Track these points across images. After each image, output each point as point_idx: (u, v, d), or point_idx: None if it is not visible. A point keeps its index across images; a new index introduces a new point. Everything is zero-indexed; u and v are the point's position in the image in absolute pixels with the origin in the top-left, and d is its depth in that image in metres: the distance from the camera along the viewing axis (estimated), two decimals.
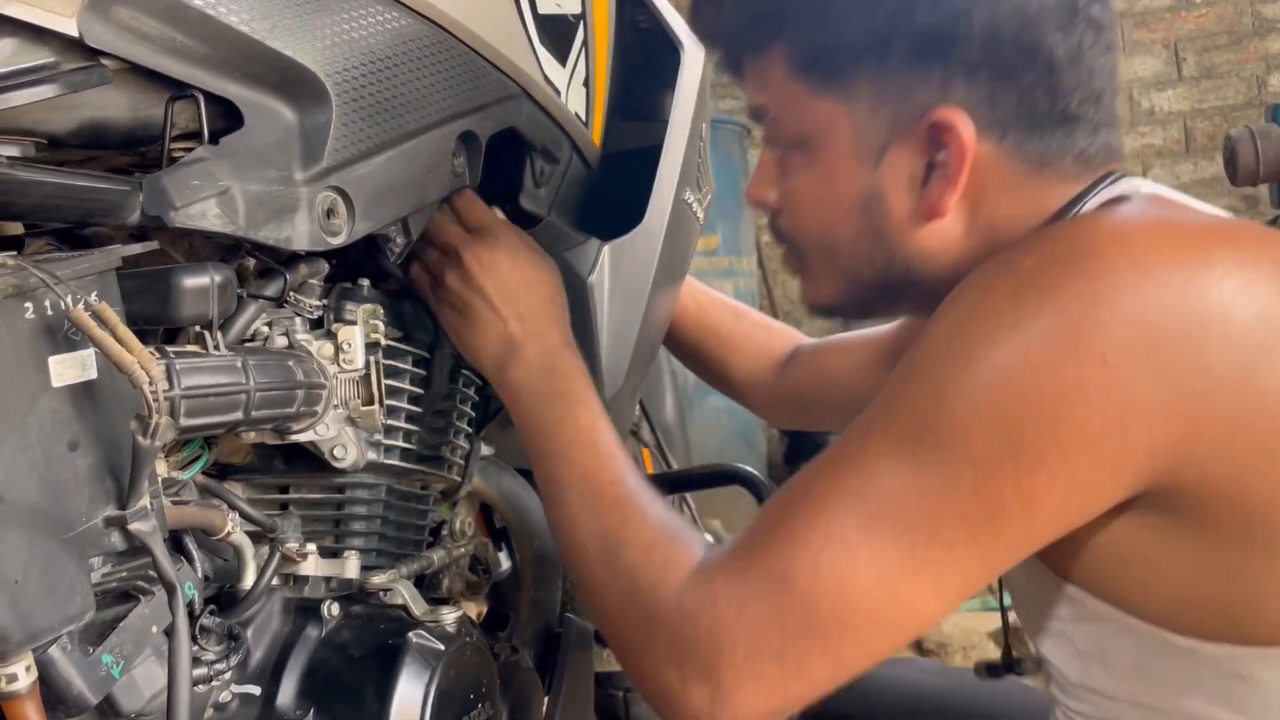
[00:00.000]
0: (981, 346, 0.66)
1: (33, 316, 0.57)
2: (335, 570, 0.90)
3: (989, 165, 0.76)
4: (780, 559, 0.69)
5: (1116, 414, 0.64)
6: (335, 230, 0.80)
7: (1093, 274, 0.65)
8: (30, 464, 0.57)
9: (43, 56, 0.66)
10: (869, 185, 0.79)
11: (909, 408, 0.69)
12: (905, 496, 0.66)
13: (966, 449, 0.65)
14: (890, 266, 0.81)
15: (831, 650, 0.68)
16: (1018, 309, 0.66)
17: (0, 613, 0.55)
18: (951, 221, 0.78)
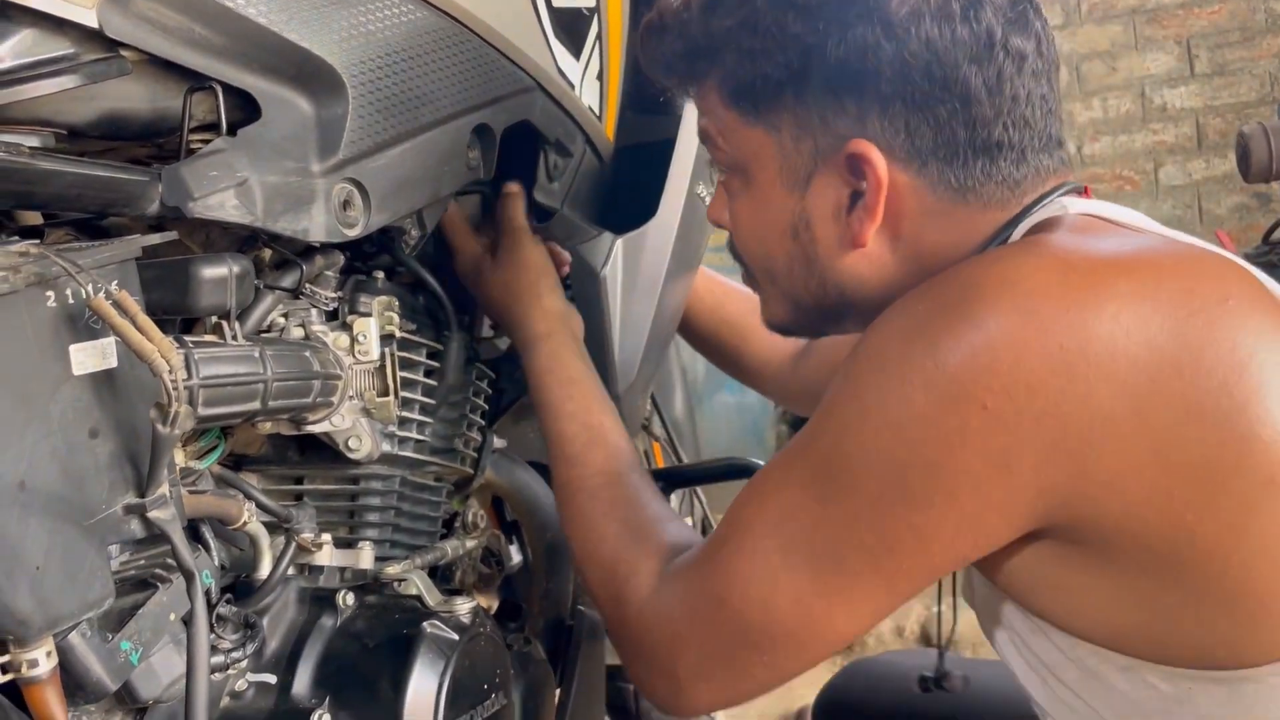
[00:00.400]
0: (873, 394, 0.69)
1: (54, 305, 0.57)
2: (350, 561, 0.91)
3: (909, 194, 0.77)
4: (718, 579, 0.76)
5: (999, 458, 0.65)
6: (351, 222, 0.81)
7: (976, 320, 0.66)
8: (52, 451, 0.57)
9: (63, 48, 0.67)
10: (797, 212, 0.81)
11: (819, 446, 0.73)
12: (815, 529, 0.71)
13: (864, 490, 0.69)
14: (824, 290, 0.84)
15: (766, 659, 0.75)
16: (906, 358, 0.68)
17: (21, 598, 0.56)
18: (877, 248, 0.80)
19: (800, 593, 0.72)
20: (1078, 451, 0.64)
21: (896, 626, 2.92)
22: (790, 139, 0.80)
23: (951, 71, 0.73)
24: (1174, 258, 0.70)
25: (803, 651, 0.75)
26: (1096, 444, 0.64)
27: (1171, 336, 0.64)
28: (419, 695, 0.81)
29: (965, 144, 0.75)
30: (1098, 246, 0.70)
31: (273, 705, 0.81)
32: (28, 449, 0.56)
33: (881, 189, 0.76)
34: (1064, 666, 0.76)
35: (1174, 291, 0.66)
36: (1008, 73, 0.74)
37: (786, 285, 0.86)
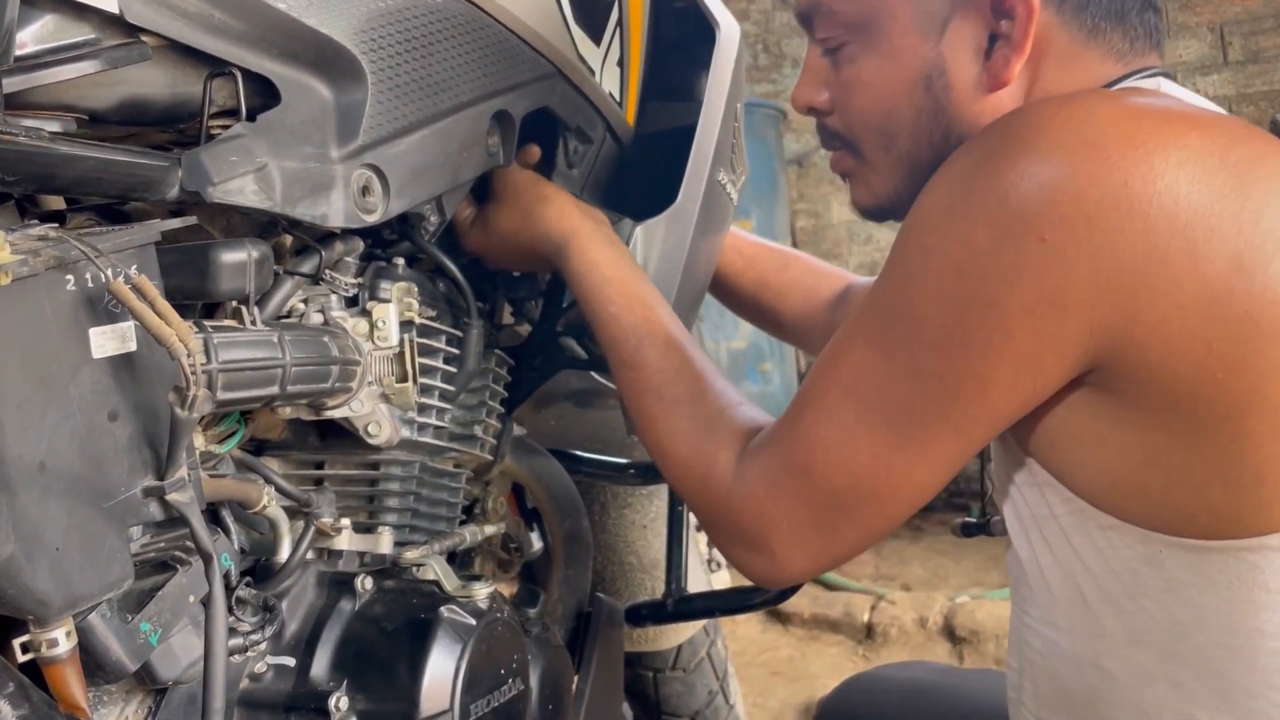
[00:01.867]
0: (935, 235, 0.70)
1: (74, 289, 0.58)
2: (369, 545, 0.91)
3: (1048, 33, 0.79)
4: (798, 449, 0.79)
5: (1054, 293, 0.66)
6: (370, 208, 0.81)
7: (1041, 153, 0.66)
8: (71, 433, 0.58)
9: (84, 33, 0.67)
10: (931, 60, 0.82)
11: (882, 301, 0.75)
12: (885, 384, 0.74)
13: (926, 336, 0.71)
14: (946, 144, 0.83)
15: (855, 518, 0.78)
16: (968, 194, 0.69)
17: (41, 579, 0.56)
18: (1009, 94, 0.81)
19: (878, 449, 0.74)
20: (1130, 289, 0.65)
21: (920, 618, 2.91)
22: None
23: None
24: (1251, 130, 0.71)
25: (887, 507, 0.77)
26: (1149, 283, 0.65)
27: (1234, 194, 0.65)
28: (436, 679, 0.82)
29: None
30: (1176, 106, 0.71)
31: (291, 687, 0.81)
32: (48, 431, 0.56)
33: (1033, 22, 0.77)
34: (1048, 521, 0.79)
35: (1244, 155, 0.67)
36: None
37: (906, 145, 0.86)
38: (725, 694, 1.71)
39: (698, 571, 1.54)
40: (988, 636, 2.78)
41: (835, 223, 4.98)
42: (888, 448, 0.74)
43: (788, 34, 5.00)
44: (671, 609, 1.36)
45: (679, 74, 1.23)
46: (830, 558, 0.81)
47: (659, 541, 1.52)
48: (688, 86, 1.23)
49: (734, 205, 1.29)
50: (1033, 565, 0.83)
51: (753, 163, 1.29)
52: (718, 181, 1.19)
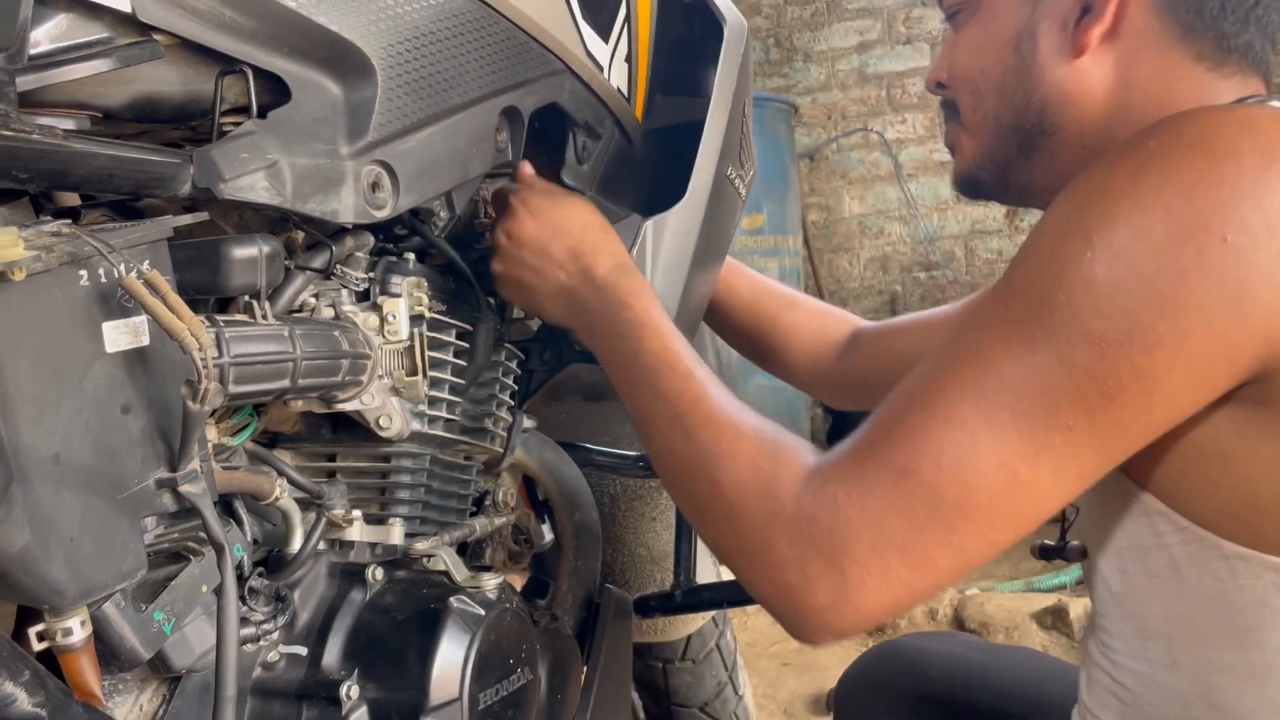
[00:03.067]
0: (1101, 225, 0.66)
1: (87, 284, 0.59)
2: (380, 537, 0.92)
3: (1141, 17, 0.79)
4: (901, 450, 0.68)
5: (1234, 295, 0.63)
6: (380, 204, 0.82)
7: (1217, 157, 0.65)
8: (85, 426, 0.59)
9: (97, 32, 0.68)
10: (1025, 20, 0.84)
11: (1025, 291, 0.68)
12: (1023, 379, 0.66)
13: (1083, 327, 0.65)
14: (1027, 106, 0.85)
15: (955, 539, 0.67)
16: (1138, 188, 0.66)
17: (56, 568, 0.57)
18: (1092, 66, 0.81)
19: (1005, 455, 0.66)
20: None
21: (930, 610, 2.91)
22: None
23: None
24: None
25: (997, 527, 0.67)
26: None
27: None
28: (445, 669, 0.83)
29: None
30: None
31: (303, 676, 0.83)
32: (62, 424, 0.57)
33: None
34: (1156, 552, 0.74)
35: None
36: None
37: (993, 103, 0.87)
38: (734, 685, 1.71)
39: (706, 563, 1.55)
40: (997, 629, 2.78)
41: (846, 216, 4.98)
42: (1016, 454, 0.66)
43: (799, 28, 5.00)
44: (680, 600, 1.37)
45: (687, 69, 1.23)
46: (909, 593, 0.68)
47: (668, 534, 1.53)
48: (695, 82, 1.23)
49: (742, 200, 1.30)
50: (1128, 599, 0.78)
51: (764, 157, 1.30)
52: (726, 177, 1.20)
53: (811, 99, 4.94)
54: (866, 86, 4.84)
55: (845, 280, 5.00)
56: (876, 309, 4.96)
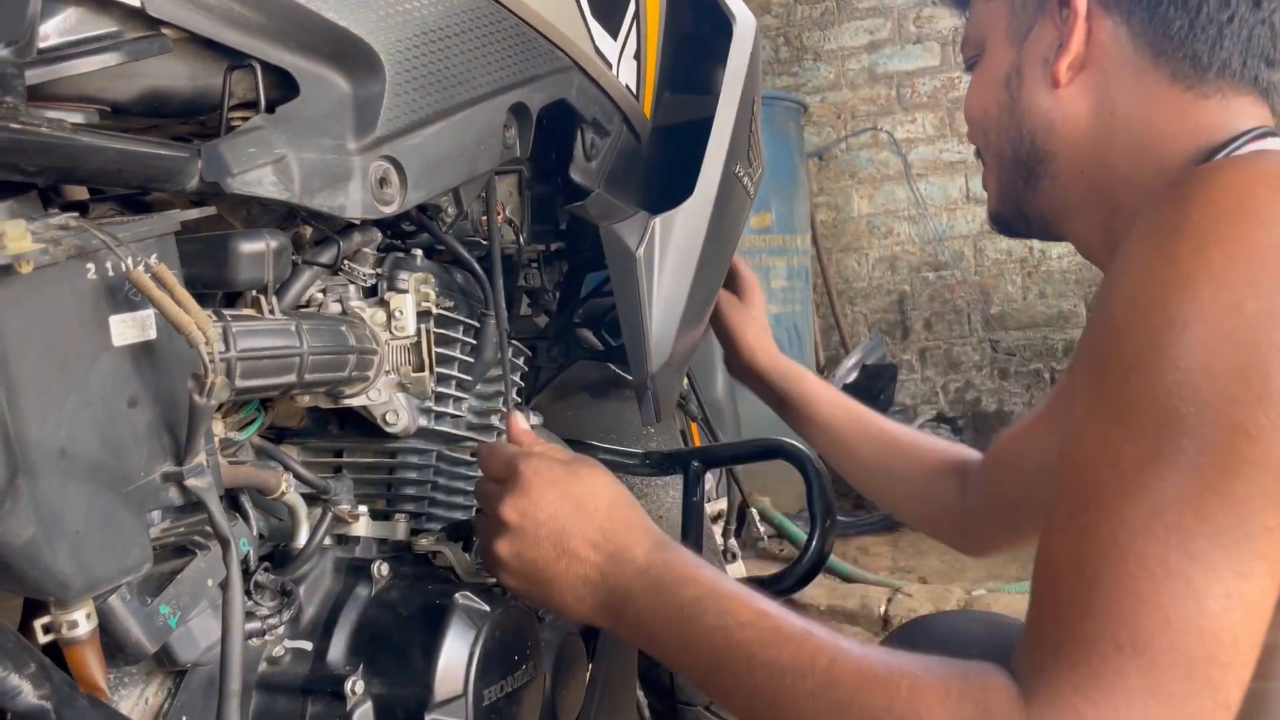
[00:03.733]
0: (1193, 309, 0.61)
1: (94, 277, 0.59)
2: (386, 532, 0.93)
3: (1110, 40, 0.82)
4: (1118, 629, 0.59)
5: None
6: (388, 199, 0.82)
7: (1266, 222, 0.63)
8: (91, 420, 0.59)
9: (106, 26, 0.68)
10: (1013, 60, 0.89)
11: (1142, 400, 0.61)
12: (1199, 497, 0.59)
13: (1227, 421, 0.59)
14: (1020, 138, 0.89)
15: (1220, 694, 0.59)
16: (1209, 264, 0.62)
17: (62, 561, 0.57)
18: (1072, 95, 0.85)
19: (1225, 583, 0.58)
20: None
21: (936, 610, 2.91)
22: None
23: None
24: None
25: (1248, 660, 0.60)
26: None
27: None
28: (450, 664, 0.83)
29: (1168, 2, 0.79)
30: None
31: (308, 671, 0.83)
32: (68, 417, 0.57)
33: (1078, 19, 0.82)
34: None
35: None
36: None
37: (995, 140, 0.92)
38: None
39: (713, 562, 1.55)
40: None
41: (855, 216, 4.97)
42: (1235, 576, 0.58)
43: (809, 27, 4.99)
44: None
45: (695, 67, 1.23)
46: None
47: (674, 532, 1.53)
48: (704, 79, 1.23)
49: (751, 198, 1.30)
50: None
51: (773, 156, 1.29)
52: (734, 174, 1.20)
53: (821, 98, 4.94)
54: (876, 86, 4.84)
55: (854, 280, 4.99)
56: (885, 308, 4.95)
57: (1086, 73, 0.84)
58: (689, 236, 1.13)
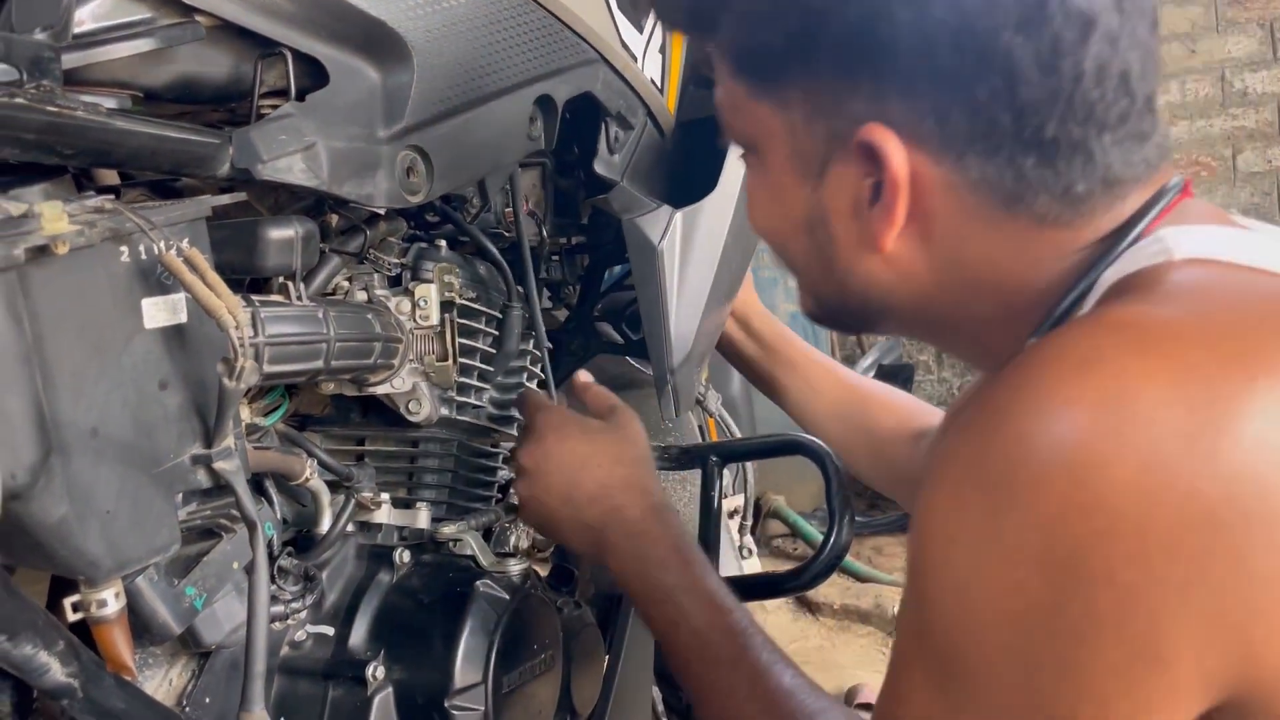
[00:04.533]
0: (974, 579, 0.54)
1: (128, 260, 0.59)
2: (407, 520, 0.93)
3: (942, 193, 0.62)
4: None
5: (1145, 646, 0.50)
6: (414, 189, 0.82)
7: (1076, 469, 0.50)
8: (123, 401, 0.59)
9: (139, 12, 0.69)
10: (811, 205, 0.67)
11: (929, 637, 0.58)
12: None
13: (993, 699, 0.54)
14: (844, 295, 0.70)
15: None
16: (999, 530, 0.52)
17: (92, 540, 0.58)
18: (905, 252, 0.65)
19: None
20: (1242, 627, 0.49)
21: None
22: (801, 119, 0.65)
23: (988, 41, 0.57)
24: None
25: None
26: (1260, 616, 0.49)
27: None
28: (470, 651, 0.83)
29: (1011, 135, 0.59)
30: (1223, 326, 0.53)
31: (330, 655, 0.83)
32: (100, 397, 0.58)
33: (899, 188, 0.61)
34: None
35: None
36: (1068, 41, 0.57)
37: (806, 281, 0.74)
38: None
39: (729, 557, 1.55)
40: None
41: None
42: None
43: None
44: None
45: None
46: None
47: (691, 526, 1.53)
48: None
49: None
50: None
51: None
52: None
53: None
54: None
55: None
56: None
57: (918, 227, 0.64)
58: (711, 231, 1.14)
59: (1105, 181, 0.61)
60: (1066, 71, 0.58)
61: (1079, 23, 0.57)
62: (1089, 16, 0.57)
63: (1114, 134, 0.60)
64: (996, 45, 0.58)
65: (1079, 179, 0.61)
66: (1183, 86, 3.61)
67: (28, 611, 0.59)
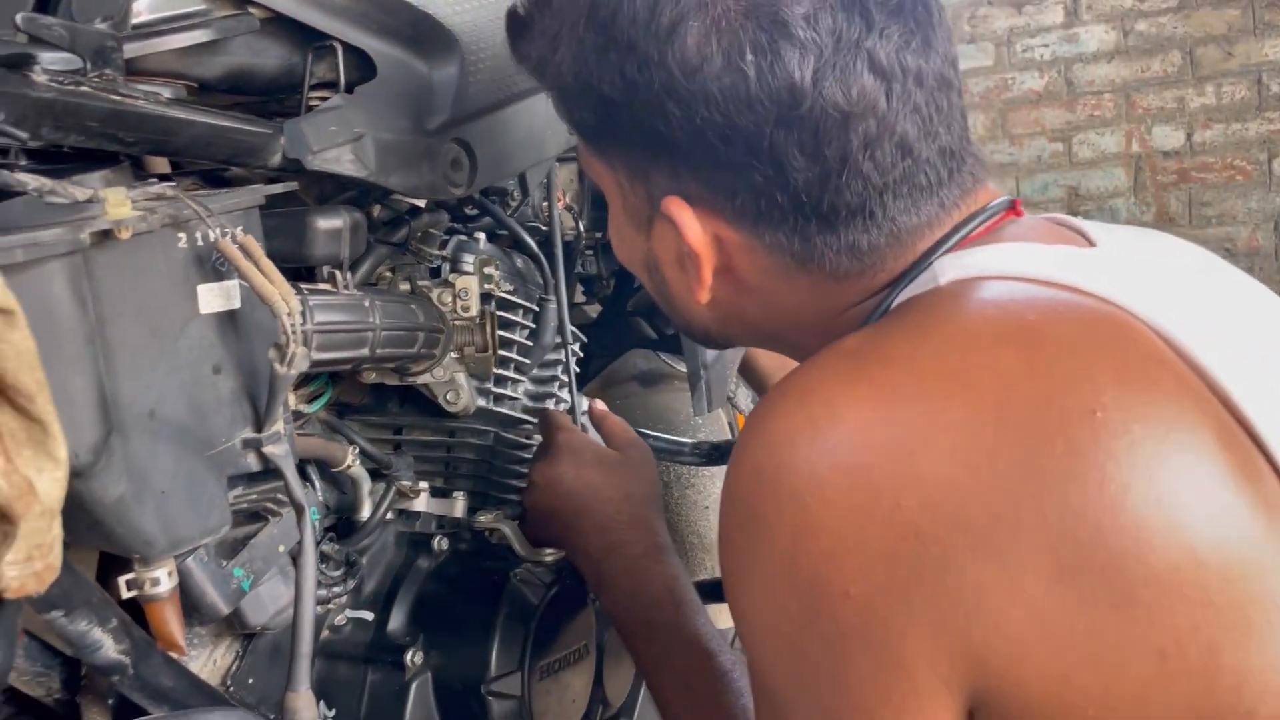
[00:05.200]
0: (750, 607, 0.59)
1: (185, 246, 0.60)
2: (444, 509, 0.94)
3: (743, 253, 0.67)
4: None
5: (885, 652, 0.53)
6: (458, 182, 0.83)
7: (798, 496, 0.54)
8: (179, 384, 0.61)
9: (195, 4, 0.70)
10: (645, 250, 0.72)
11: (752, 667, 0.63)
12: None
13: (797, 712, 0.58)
14: (689, 323, 0.76)
15: None
16: (756, 559, 0.57)
17: (148, 519, 0.59)
18: (728, 297, 0.70)
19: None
20: (962, 632, 0.52)
21: None
22: (626, 179, 0.70)
23: (753, 136, 0.61)
24: (1030, 349, 0.56)
25: None
26: (977, 620, 0.52)
27: (1026, 472, 0.52)
28: (507, 638, 0.84)
29: (791, 210, 0.63)
30: (931, 348, 0.57)
31: (369, 640, 0.85)
32: (158, 380, 0.59)
33: (698, 254, 0.66)
34: None
35: (1026, 408, 0.53)
36: (831, 126, 0.60)
37: (662, 307, 0.78)
38: None
39: None
40: None
41: None
42: None
43: None
44: None
45: None
46: None
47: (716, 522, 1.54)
48: None
49: None
50: None
51: None
52: None
53: None
54: None
55: None
56: None
57: (728, 278, 0.68)
58: None
59: (892, 234, 0.64)
60: (833, 156, 0.61)
61: (837, 115, 0.60)
62: (846, 110, 0.60)
63: (894, 192, 0.63)
64: (761, 140, 0.61)
65: (862, 237, 0.64)
66: (1218, 89, 3.58)
67: (84, 588, 0.60)
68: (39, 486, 0.46)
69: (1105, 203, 3.73)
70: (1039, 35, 3.83)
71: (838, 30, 0.60)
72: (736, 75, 0.60)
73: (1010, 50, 3.96)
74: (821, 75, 0.59)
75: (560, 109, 0.71)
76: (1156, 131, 3.61)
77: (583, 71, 0.65)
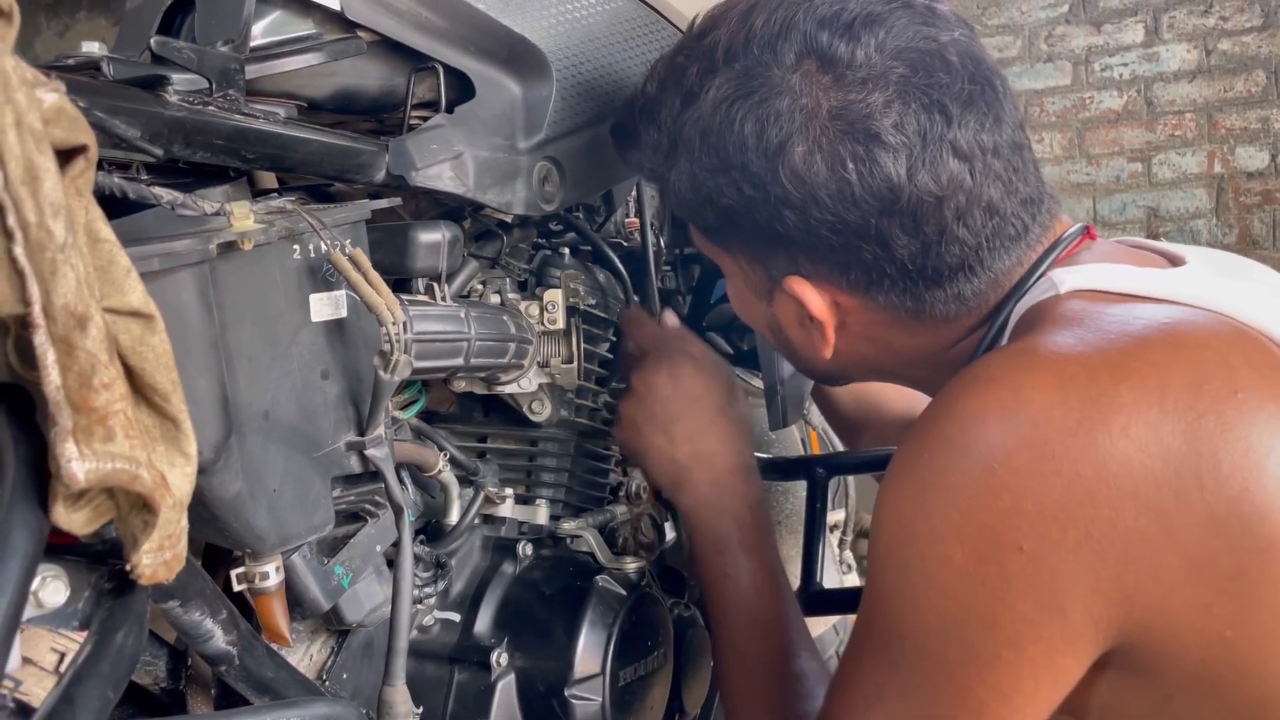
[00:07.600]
0: (910, 557, 0.66)
1: (299, 258, 0.64)
2: (528, 516, 0.97)
3: (861, 313, 0.78)
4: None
5: (1051, 599, 0.62)
6: (549, 198, 0.86)
7: (985, 461, 0.63)
8: (291, 388, 0.64)
9: (306, 28, 0.74)
10: (768, 315, 0.83)
11: (876, 618, 0.70)
12: (902, 702, 0.68)
13: (932, 656, 0.66)
14: (813, 370, 0.87)
15: None
16: (925, 508, 0.65)
17: (260, 516, 0.63)
18: (847, 348, 0.80)
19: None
20: (1119, 578, 0.62)
21: None
22: (745, 263, 0.80)
23: (860, 226, 0.71)
24: (1175, 346, 0.65)
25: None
26: (1133, 567, 0.61)
27: (1186, 443, 0.61)
28: (590, 643, 0.86)
29: (900, 276, 0.74)
30: (1093, 345, 0.66)
31: (456, 640, 0.87)
32: (273, 383, 0.62)
33: (822, 320, 0.77)
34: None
35: (1181, 391, 0.62)
36: (927, 209, 0.70)
37: (786, 357, 0.89)
38: None
39: (831, 571, 1.56)
40: None
41: None
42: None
43: None
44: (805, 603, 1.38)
45: None
46: None
47: (793, 538, 1.55)
48: None
49: None
50: None
51: None
52: None
53: None
54: None
55: None
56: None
57: (849, 334, 0.79)
58: None
59: (990, 279, 0.75)
60: (931, 230, 0.72)
61: (931, 199, 0.70)
62: (939, 194, 0.70)
63: (989, 246, 0.73)
64: (868, 229, 0.72)
65: (965, 286, 0.75)
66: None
67: (199, 580, 0.64)
68: (171, 480, 0.49)
69: (1186, 224, 3.66)
70: (1118, 54, 3.79)
71: (922, 130, 0.70)
72: (841, 182, 0.70)
73: (1088, 69, 3.92)
74: (914, 170, 0.70)
75: (676, 209, 0.81)
76: (1240, 152, 3.55)
77: (701, 188, 0.76)
